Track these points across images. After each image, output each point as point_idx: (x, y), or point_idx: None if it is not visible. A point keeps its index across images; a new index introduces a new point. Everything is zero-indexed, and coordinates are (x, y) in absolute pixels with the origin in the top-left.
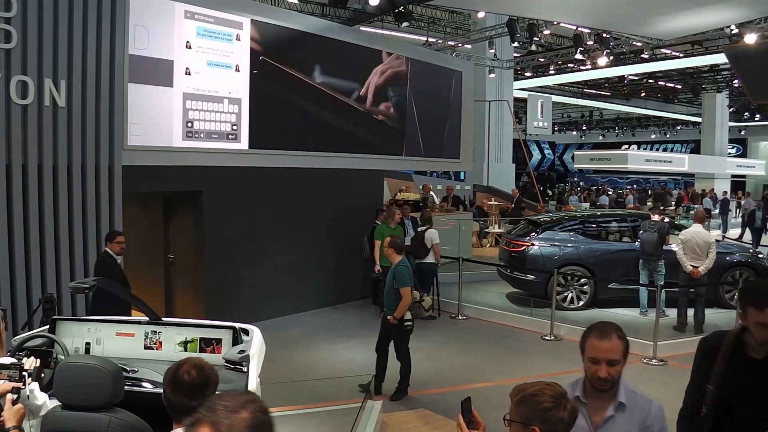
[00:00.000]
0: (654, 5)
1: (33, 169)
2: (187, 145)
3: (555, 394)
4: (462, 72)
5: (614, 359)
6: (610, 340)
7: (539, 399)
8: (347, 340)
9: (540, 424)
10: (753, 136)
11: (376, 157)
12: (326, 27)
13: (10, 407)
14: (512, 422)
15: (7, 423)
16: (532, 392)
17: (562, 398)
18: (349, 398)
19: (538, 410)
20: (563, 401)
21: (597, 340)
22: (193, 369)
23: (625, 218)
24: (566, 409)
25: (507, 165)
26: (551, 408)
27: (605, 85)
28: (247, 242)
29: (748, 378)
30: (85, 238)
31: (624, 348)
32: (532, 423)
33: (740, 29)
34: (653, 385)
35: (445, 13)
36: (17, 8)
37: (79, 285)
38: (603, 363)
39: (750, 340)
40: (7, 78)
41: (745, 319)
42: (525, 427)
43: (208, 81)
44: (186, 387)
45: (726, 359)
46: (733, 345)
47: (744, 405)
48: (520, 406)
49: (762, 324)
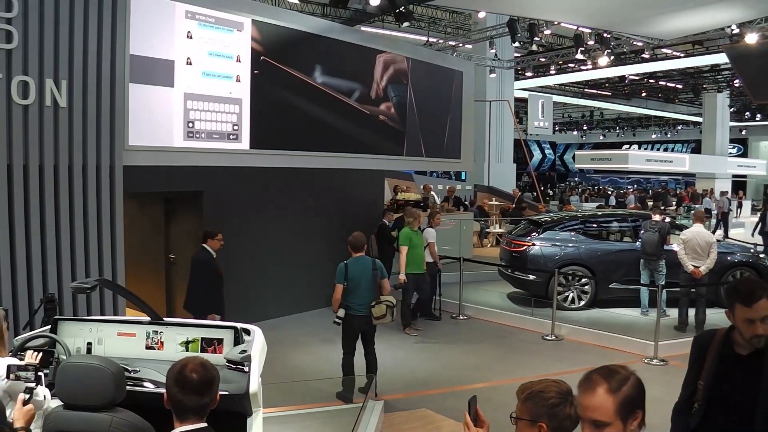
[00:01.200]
0: (655, 5)
1: (34, 169)
2: (187, 145)
3: (561, 391)
4: (463, 72)
5: (600, 420)
6: (593, 395)
7: (546, 395)
8: None
9: (547, 420)
10: (754, 135)
11: (376, 157)
12: (327, 27)
13: (21, 407)
14: (519, 419)
15: (15, 423)
16: (539, 389)
17: (568, 395)
18: None
19: (545, 406)
20: (569, 397)
21: (581, 394)
22: (198, 367)
23: (626, 218)
24: (573, 405)
25: (508, 165)
26: (558, 404)
27: (606, 85)
28: (248, 242)
29: (736, 374)
30: (86, 237)
31: (619, 404)
32: (540, 420)
33: (741, 29)
34: (654, 385)
35: (445, 13)
36: (18, 8)
37: (80, 285)
38: (587, 423)
39: (737, 337)
40: (8, 78)
41: (732, 317)
42: (533, 424)
43: (209, 81)
44: (196, 385)
45: (715, 356)
46: (723, 343)
47: (733, 400)
48: (527, 402)
49: (750, 320)
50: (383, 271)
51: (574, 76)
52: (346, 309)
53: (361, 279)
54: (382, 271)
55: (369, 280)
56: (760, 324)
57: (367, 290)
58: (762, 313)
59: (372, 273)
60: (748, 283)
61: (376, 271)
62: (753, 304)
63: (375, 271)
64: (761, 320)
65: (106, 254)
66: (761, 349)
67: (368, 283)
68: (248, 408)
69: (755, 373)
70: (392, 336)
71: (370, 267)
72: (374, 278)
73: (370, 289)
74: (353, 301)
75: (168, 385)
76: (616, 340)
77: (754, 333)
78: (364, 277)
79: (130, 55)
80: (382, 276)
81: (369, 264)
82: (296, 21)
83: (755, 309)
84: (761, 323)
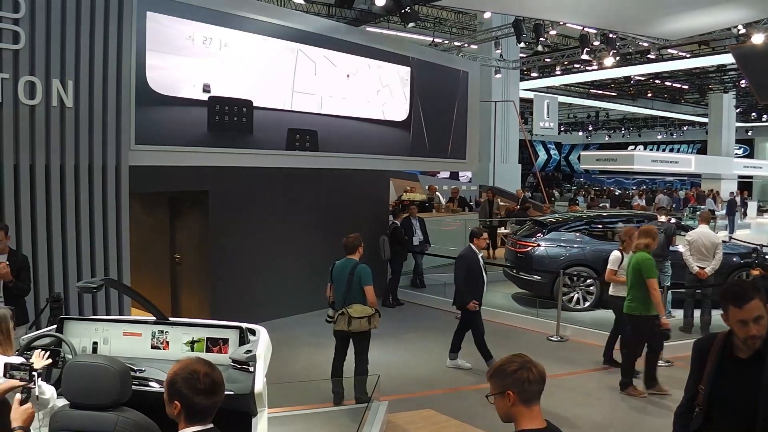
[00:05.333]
0: (661, 6)
1: (40, 168)
2: (193, 146)
3: (521, 360)
4: (468, 72)
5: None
6: (751, 302)
7: (506, 367)
8: None
9: (513, 388)
10: (760, 136)
11: (381, 158)
12: (333, 28)
13: (18, 407)
14: (493, 395)
15: (13, 423)
16: (499, 364)
17: (527, 363)
18: None
19: (507, 375)
20: (528, 365)
21: (742, 306)
22: (208, 370)
23: (632, 219)
24: (532, 372)
25: (513, 165)
26: (517, 369)
27: (611, 85)
28: (254, 242)
29: (736, 377)
30: (92, 237)
31: (764, 303)
32: (507, 389)
33: (747, 29)
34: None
35: (451, 14)
36: (25, 9)
37: (86, 285)
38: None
39: (737, 341)
40: (15, 78)
41: (726, 319)
42: (503, 396)
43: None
44: (216, 387)
45: (715, 360)
46: (722, 346)
47: (733, 403)
48: (493, 378)
49: (743, 321)
50: (365, 278)
51: (579, 76)
52: (333, 308)
53: (339, 281)
54: (361, 277)
55: (344, 284)
56: (754, 325)
57: (342, 292)
58: (754, 313)
59: (347, 277)
60: (739, 285)
61: (352, 276)
62: (744, 305)
63: (350, 276)
64: (754, 321)
65: (112, 254)
66: (761, 353)
67: (342, 286)
68: (253, 408)
69: (755, 376)
70: (393, 337)
71: (348, 270)
72: (349, 282)
73: (345, 291)
74: (335, 301)
75: (178, 389)
76: None
77: (748, 334)
78: (342, 279)
79: None
80: (364, 283)
81: (349, 267)
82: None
83: (747, 310)
84: (754, 324)
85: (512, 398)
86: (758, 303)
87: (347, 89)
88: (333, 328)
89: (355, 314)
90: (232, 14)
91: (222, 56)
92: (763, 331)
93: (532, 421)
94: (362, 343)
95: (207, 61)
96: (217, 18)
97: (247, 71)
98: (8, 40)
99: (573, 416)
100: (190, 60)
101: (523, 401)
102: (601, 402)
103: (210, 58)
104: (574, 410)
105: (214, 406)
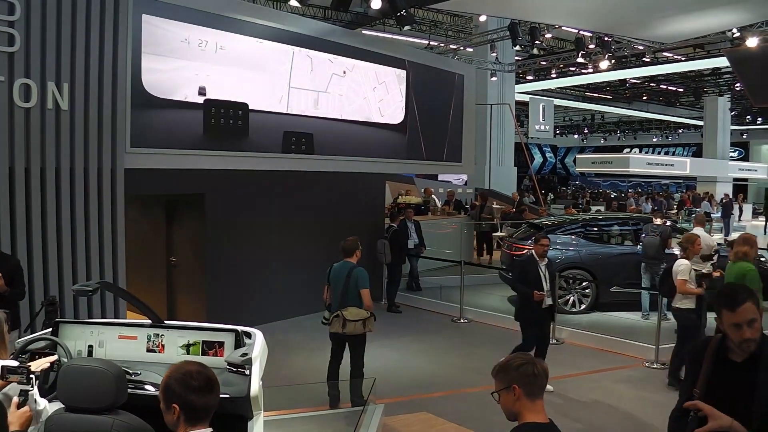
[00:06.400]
0: (656, 9)
1: (36, 171)
2: (189, 149)
3: (525, 357)
4: (464, 75)
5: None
6: (744, 304)
7: (512, 363)
8: None
9: (518, 382)
10: (755, 139)
11: (377, 161)
12: (329, 30)
13: (15, 410)
14: (498, 392)
15: (10, 426)
16: (504, 362)
17: (531, 359)
18: None
19: (513, 370)
20: (532, 361)
21: (736, 308)
22: (200, 368)
23: (627, 222)
24: (537, 367)
25: (509, 168)
26: (523, 364)
27: (607, 88)
28: (250, 245)
29: (730, 381)
30: (87, 240)
31: (756, 306)
32: (513, 383)
33: (742, 32)
34: (655, 389)
35: (446, 17)
36: (20, 11)
37: (82, 288)
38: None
39: (731, 344)
40: (10, 81)
41: (720, 323)
42: (508, 390)
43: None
44: (210, 383)
45: (710, 364)
46: (717, 350)
47: (728, 407)
48: (498, 375)
49: (736, 324)
50: (361, 281)
51: (575, 79)
52: (330, 310)
53: (337, 283)
54: (359, 280)
55: (341, 286)
56: (747, 328)
57: (338, 295)
58: (748, 316)
59: (344, 280)
60: (732, 288)
61: (349, 279)
62: (737, 308)
63: (348, 278)
64: (747, 324)
65: (108, 257)
66: (756, 356)
67: (339, 289)
68: (249, 411)
69: (750, 379)
70: (392, 338)
71: (345, 273)
72: (346, 285)
73: (342, 294)
74: (332, 303)
75: (174, 390)
76: (616, 344)
77: (743, 337)
78: (339, 281)
79: None
80: (361, 286)
81: (346, 270)
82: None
83: (740, 313)
84: (748, 327)
85: (518, 392)
86: (751, 306)
87: (343, 92)
88: (328, 330)
89: (349, 317)
90: (227, 17)
91: (218, 59)
92: (756, 334)
93: (537, 416)
94: (358, 346)
95: (203, 64)
96: (212, 21)
97: (242, 74)
98: (3, 43)
99: (571, 419)
100: (185, 63)
101: (527, 395)
102: (597, 405)
103: (206, 61)
104: (573, 413)
105: (211, 405)
